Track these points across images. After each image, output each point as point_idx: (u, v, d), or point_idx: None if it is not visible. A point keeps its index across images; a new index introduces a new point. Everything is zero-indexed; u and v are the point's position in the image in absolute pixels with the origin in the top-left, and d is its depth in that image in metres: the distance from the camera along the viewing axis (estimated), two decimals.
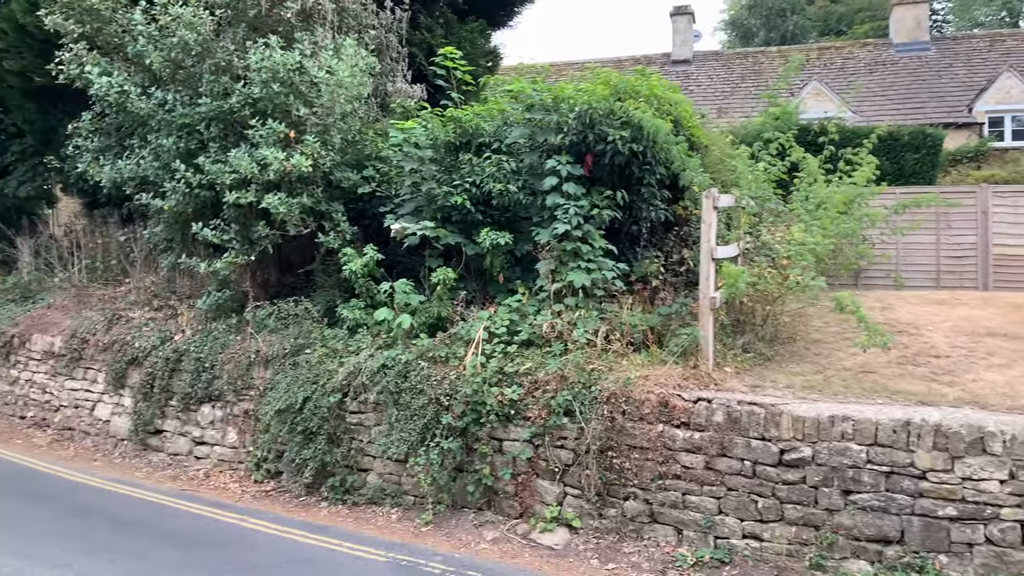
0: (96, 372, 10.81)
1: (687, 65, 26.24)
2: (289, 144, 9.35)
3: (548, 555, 6.89)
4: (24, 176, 15.79)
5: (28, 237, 14.29)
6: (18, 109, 15.88)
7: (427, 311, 8.83)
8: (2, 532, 7.18)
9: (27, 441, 10.85)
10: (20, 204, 16.34)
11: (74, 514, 7.83)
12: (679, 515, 6.85)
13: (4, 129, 16.23)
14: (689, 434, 6.82)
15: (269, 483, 8.84)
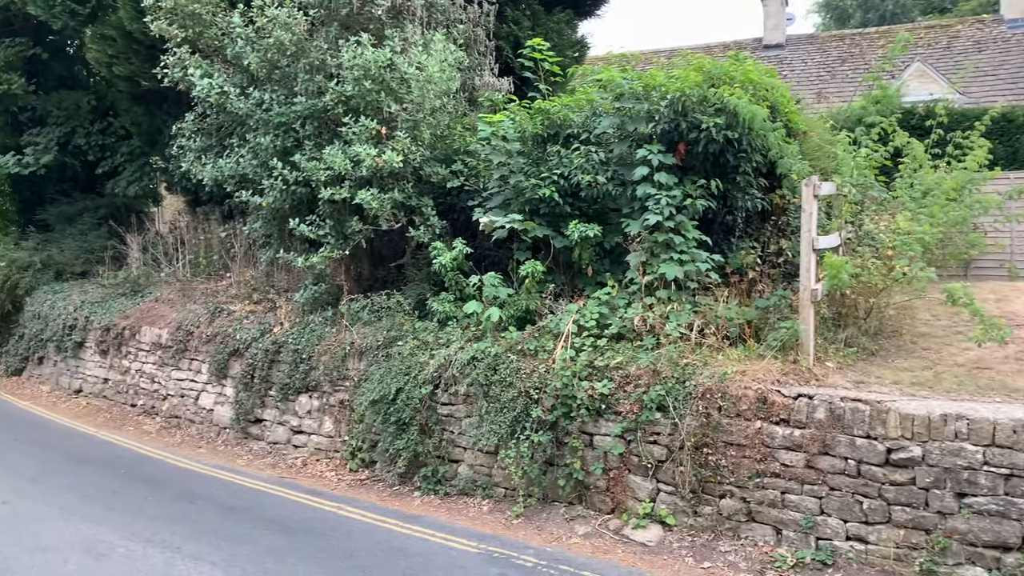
0: (200, 363, 11.29)
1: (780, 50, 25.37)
2: (381, 140, 9.51)
3: (641, 552, 6.79)
4: (132, 176, 16.61)
5: (136, 234, 15.03)
6: (126, 112, 16.74)
7: (515, 304, 8.82)
8: (119, 515, 7.58)
9: (138, 428, 11.44)
10: (129, 203, 17.24)
11: (181, 499, 8.19)
12: (778, 514, 6.63)
13: (114, 132, 17.12)
14: (789, 431, 6.59)
15: (363, 472, 9.04)
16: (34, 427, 11.48)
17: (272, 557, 6.63)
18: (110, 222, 15.93)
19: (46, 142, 16.31)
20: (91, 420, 11.93)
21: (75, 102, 17.09)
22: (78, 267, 15.72)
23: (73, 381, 13.57)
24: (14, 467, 9.16)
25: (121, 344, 12.67)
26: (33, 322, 14.66)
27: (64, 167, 16.85)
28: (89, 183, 17.95)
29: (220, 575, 6.23)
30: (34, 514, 7.50)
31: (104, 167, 16.82)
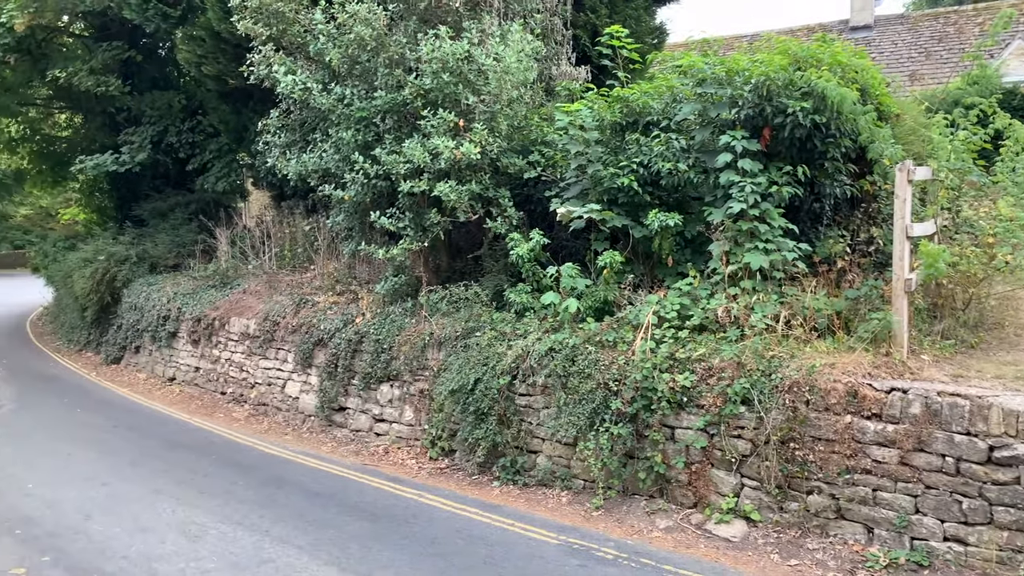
0: (286, 352, 11.62)
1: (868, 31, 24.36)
2: (458, 132, 9.57)
3: (725, 547, 6.65)
4: (221, 172, 17.23)
5: (225, 228, 15.58)
6: (214, 111, 17.35)
7: (593, 295, 8.75)
8: (211, 498, 7.88)
9: (227, 415, 11.87)
10: (218, 198, 17.89)
11: (269, 484, 8.46)
12: (869, 512, 6.38)
13: (203, 130, 17.79)
14: (881, 426, 6.33)
15: (443, 461, 9.14)
16: (131, 413, 12.05)
17: (356, 542, 6.77)
18: (200, 217, 16.58)
19: (140, 141, 17.06)
20: (184, 407, 12.44)
21: (167, 102, 17.83)
22: (171, 260, 16.40)
23: (167, 369, 14.19)
24: (114, 451, 9.63)
25: (211, 334, 13.16)
26: (130, 313, 15.38)
27: (157, 164, 17.59)
28: (180, 180, 18.72)
29: (307, 558, 6.40)
30: (132, 496, 7.87)
31: (194, 164, 17.50)
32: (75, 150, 20.62)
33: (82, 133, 21.94)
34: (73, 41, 19.47)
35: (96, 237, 18.51)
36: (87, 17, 17.30)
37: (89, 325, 17.14)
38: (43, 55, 17.95)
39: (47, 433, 10.34)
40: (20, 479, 8.24)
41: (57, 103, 21.91)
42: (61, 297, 19.92)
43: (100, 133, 19.43)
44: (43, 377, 14.77)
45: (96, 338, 16.94)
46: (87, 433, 10.47)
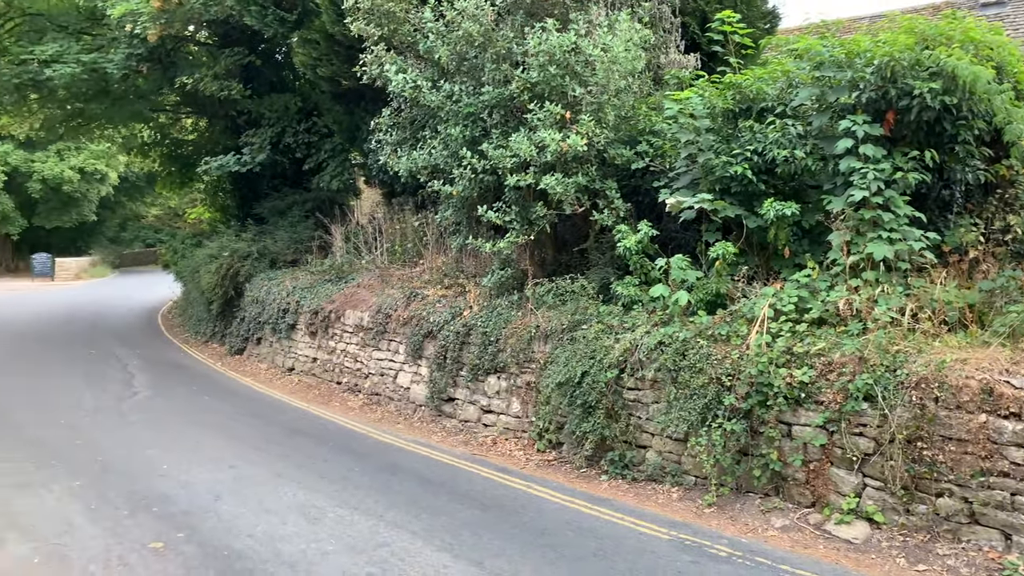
0: (398, 344, 11.94)
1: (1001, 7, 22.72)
2: (565, 125, 9.55)
3: (846, 549, 6.37)
4: (335, 171, 17.87)
5: (339, 225, 16.15)
6: (328, 112, 18.00)
7: (705, 288, 8.56)
8: (329, 483, 8.19)
9: (343, 404, 12.31)
10: (332, 196, 18.57)
11: (384, 471, 8.71)
12: (1007, 518, 5.97)
13: (317, 130, 18.48)
14: (1020, 426, 5.91)
15: (551, 453, 9.17)
16: (254, 401, 12.68)
17: (468, 530, 6.88)
18: (316, 214, 17.24)
19: (260, 142, 17.89)
20: (302, 396, 12.98)
21: (284, 104, 18.62)
22: (289, 256, 17.14)
23: (286, 360, 14.85)
24: (239, 436, 10.16)
25: (328, 326, 13.67)
26: (252, 306, 16.18)
27: (275, 165, 18.41)
28: (297, 179, 19.53)
29: (420, 543, 6.56)
30: (257, 479, 8.27)
31: (310, 164, 18.21)
32: (200, 152, 21.91)
33: (207, 136, 23.27)
34: (198, 49, 20.63)
35: (220, 234, 19.55)
36: (211, 26, 18.28)
37: (214, 318, 18.14)
38: (172, 63, 19.11)
39: (178, 418, 11.01)
40: (156, 461, 8.81)
41: (184, 108, 23.30)
42: (189, 291, 21.16)
43: (223, 136, 20.52)
44: (174, 366, 15.74)
45: (221, 330, 17.91)
46: (214, 419, 11.09)
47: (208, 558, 6.14)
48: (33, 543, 6.34)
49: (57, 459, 8.78)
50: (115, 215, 50.22)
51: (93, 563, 5.98)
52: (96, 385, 13.22)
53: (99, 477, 8.17)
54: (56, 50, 17.66)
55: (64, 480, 8.03)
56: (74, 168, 41.18)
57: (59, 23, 19.11)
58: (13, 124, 23.14)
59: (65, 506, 7.29)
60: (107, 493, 7.66)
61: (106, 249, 47.30)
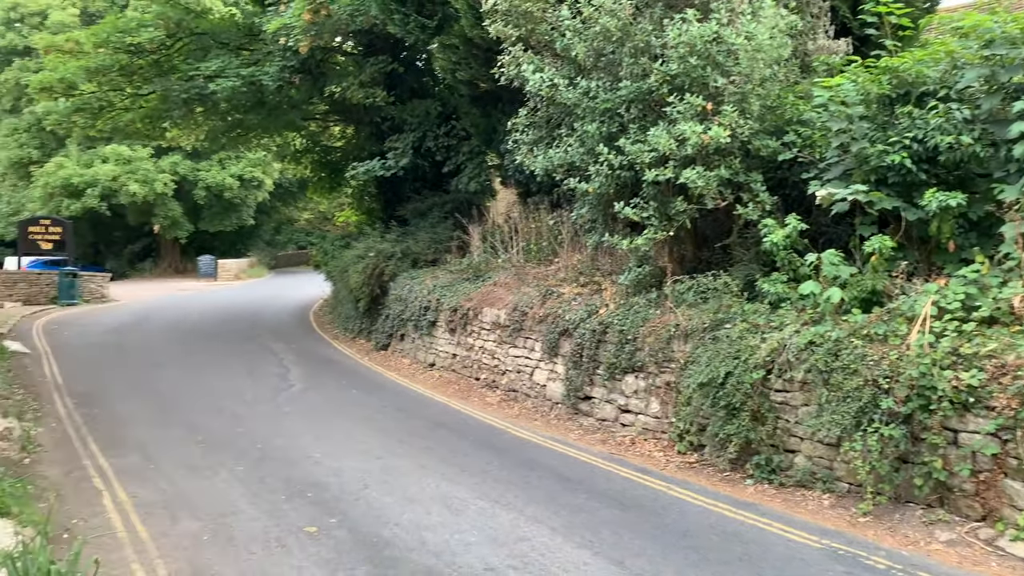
0: (534, 341, 12.03)
1: None
2: (706, 117, 9.29)
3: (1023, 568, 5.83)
4: (472, 173, 18.27)
5: (477, 225, 16.48)
6: (466, 115, 18.43)
7: (859, 284, 8.08)
8: (470, 476, 8.36)
9: (481, 399, 12.54)
10: (470, 197, 18.98)
11: (522, 466, 8.80)
12: None
13: (456, 134, 18.97)
14: None
15: (692, 455, 8.94)
16: (398, 395, 13.15)
17: (607, 529, 6.83)
18: (455, 215, 17.68)
19: (403, 147, 18.55)
20: (443, 391, 13.34)
21: (424, 110, 19.23)
22: (430, 255, 17.67)
23: (427, 356, 15.30)
24: (385, 428, 10.56)
25: (466, 323, 13.97)
26: (395, 304, 16.80)
27: (416, 168, 19.04)
28: (436, 182, 20.12)
29: (560, 539, 6.56)
30: (402, 470, 8.56)
31: (449, 166, 18.72)
32: (348, 158, 22.97)
33: (353, 143, 24.39)
34: (344, 60, 21.66)
35: (366, 236, 20.43)
36: (356, 36, 19.13)
37: (361, 315, 18.97)
38: (321, 74, 20.16)
39: (329, 410, 11.59)
40: (309, 450, 9.31)
41: (333, 117, 24.52)
42: (338, 290, 22.24)
43: (368, 142, 21.43)
44: (324, 361, 16.59)
45: (367, 327, 18.71)
46: (361, 411, 11.58)
47: (358, 544, 6.42)
48: (202, 521, 6.86)
49: (223, 446, 9.45)
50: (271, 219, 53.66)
51: (254, 543, 6.38)
52: (255, 378, 14.15)
53: (259, 464, 8.72)
54: (218, 65, 19.03)
55: (229, 465, 8.63)
56: (234, 176, 44.35)
57: (221, 40, 20.59)
58: (181, 136, 25.11)
59: (229, 488, 7.83)
60: (266, 478, 8.17)
61: (263, 251, 50.62)
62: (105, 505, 7.21)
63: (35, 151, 44.13)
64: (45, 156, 43.34)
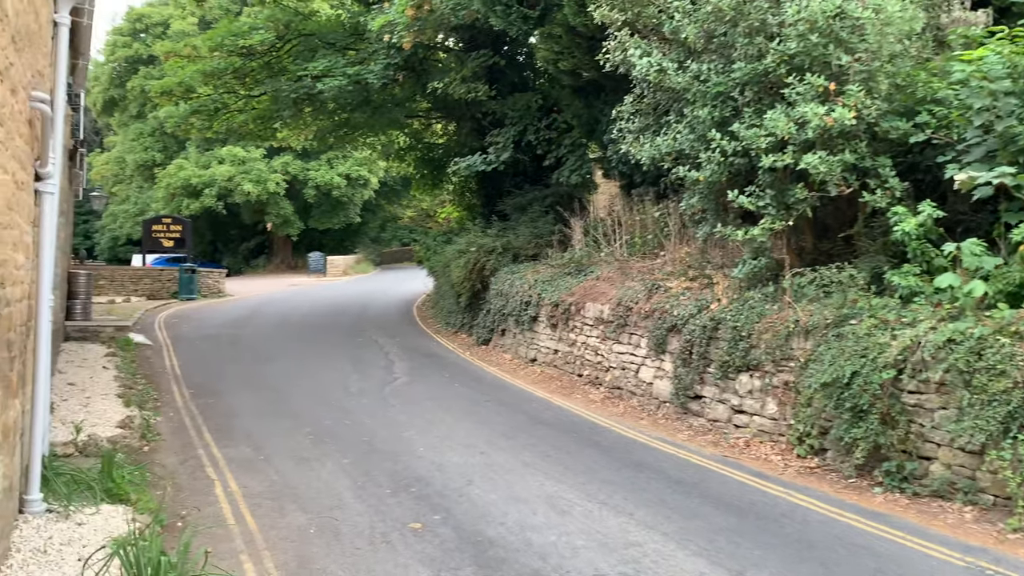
0: (639, 338, 11.63)
1: None
2: (828, 98, 8.67)
3: None
4: (574, 165, 18.00)
5: (578, 218, 16.17)
6: (567, 107, 18.17)
7: (1005, 277, 7.34)
8: (575, 475, 8.09)
9: (584, 396, 12.25)
10: (571, 191, 18.74)
11: (630, 467, 8.45)
12: None
13: (557, 127, 18.75)
14: None
15: (812, 459, 8.38)
16: (500, 390, 13.02)
17: (723, 536, 6.41)
18: (557, 208, 17.43)
19: (504, 141, 18.45)
20: (545, 387, 13.12)
21: (525, 103, 19.08)
22: (530, 250, 17.49)
23: (528, 351, 15.13)
24: (487, 423, 10.43)
25: (568, 318, 13.70)
26: (496, 299, 16.71)
27: (517, 163, 18.92)
28: (537, 176, 19.96)
29: (673, 546, 6.20)
30: (505, 466, 8.38)
31: (550, 160, 18.51)
32: (449, 155, 23.12)
33: (455, 140, 24.54)
34: (446, 56, 21.78)
35: (467, 231, 20.46)
36: (458, 31, 19.15)
37: (463, 310, 19.01)
38: (424, 71, 20.33)
39: (432, 403, 11.56)
40: (413, 443, 9.27)
41: (435, 114, 24.78)
42: (440, 285, 22.40)
43: (469, 137, 21.48)
44: (427, 354, 16.69)
45: (468, 321, 18.72)
46: (464, 405, 11.50)
47: (463, 542, 6.25)
48: (309, 514, 6.86)
49: (329, 437, 9.53)
50: (376, 217, 55.01)
51: (359, 538, 6.32)
52: (361, 370, 14.33)
53: (365, 456, 8.73)
54: (325, 65, 19.47)
55: (335, 457, 8.68)
56: (341, 175, 45.70)
57: (328, 41, 21.07)
58: (291, 136, 25.92)
59: (336, 480, 7.84)
60: (371, 471, 8.15)
61: (369, 248, 51.93)
62: (217, 495, 7.33)
63: (158, 154, 46.93)
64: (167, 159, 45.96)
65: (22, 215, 5.25)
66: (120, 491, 6.67)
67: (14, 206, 4.85)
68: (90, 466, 7.26)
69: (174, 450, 8.92)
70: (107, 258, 51.70)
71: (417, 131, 26.71)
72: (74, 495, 6.44)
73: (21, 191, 5.13)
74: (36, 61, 5.65)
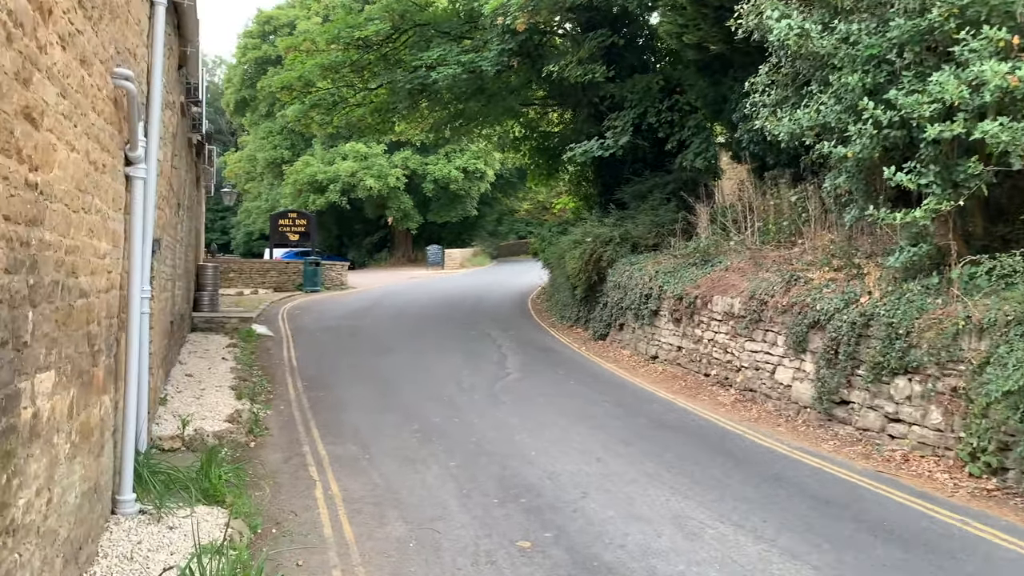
0: (775, 335, 10.51)
1: None
2: (1011, 53, 7.33)
3: None
4: (698, 149, 16.86)
5: (704, 205, 15.06)
6: (691, 87, 17.07)
7: None
8: (704, 490, 7.18)
9: (712, 398, 11.23)
10: (695, 176, 17.64)
11: (768, 481, 7.46)
12: None
13: (679, 108, 17.65)
14: None
15: (989, 480, 7.12)
16: (618, 388, 12.18)
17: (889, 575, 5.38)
18: (681, 194, 16.36)
19: (623, 124, 17.53)
20: (667, 386, 12.19)
21: (645, 85, 18.09)
22: (650, 240, 16.49)
23: (649, 347, 14.19)
24: (604, 426, 9.63)
25: (693, 313, 12.68)
26: (614, 291, 15.83)
27: (636, 149, 17.94)
28: (657, 162, 18.95)
29: None
30: (625, 476, 7.57)
31: (672, 143, 17.44)
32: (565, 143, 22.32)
33: (571, 128, 23.74)
34: (561, 41, 21.03)
35: (583, 221, 19.64)
36: (574, 11, 18.36)
37: (578, 303, 18.26)
38: (538, 55, 19.65)
39: (545, 402, 10.88)
40: (524, 446, 8.61)
41: (550, 102, 24.11)
42: (555, 277, 21.74)
43: (586, 124, 20.62)
44: (540, 349, 16.04)
45: (584, 315, 17.95)
46: (579, 405, 10.76)
47: (577, 567, 5.51)
48: (409, 525, 6.31)
49: (437, 436, 9.03)
50: (492, 210, 54.99)
51: (462, 555, 5.70)
52: (473, 364, 13.85)
53: (472, 459, 8.14)
54: (440, 54, 19.12)
55: (442, 459, 8.14)
56: (458, 168, 45.83)
57: (442, 30, 20.75)
58: (408, 129, 25.88)
59: (441, 486, 7.28)
60: (478, 476, 7.55)
61: (485, 241, 51.95)
62: (316, 498, 6.91)
63: (286, 151, 48.62)
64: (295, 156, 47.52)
65: (104, 200, 4.92)
66: (216, 492, 6.35)
67: (90, 189, 4.49)
68: (191, 462, 7.02)
69: (280, 446, 8.64)
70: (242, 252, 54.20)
71: (532, 120, 26.11)
72: (169, 495, 6.17)
73: (101, 173, 4.79)
74: (123, 37, 5.32)
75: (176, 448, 8.02)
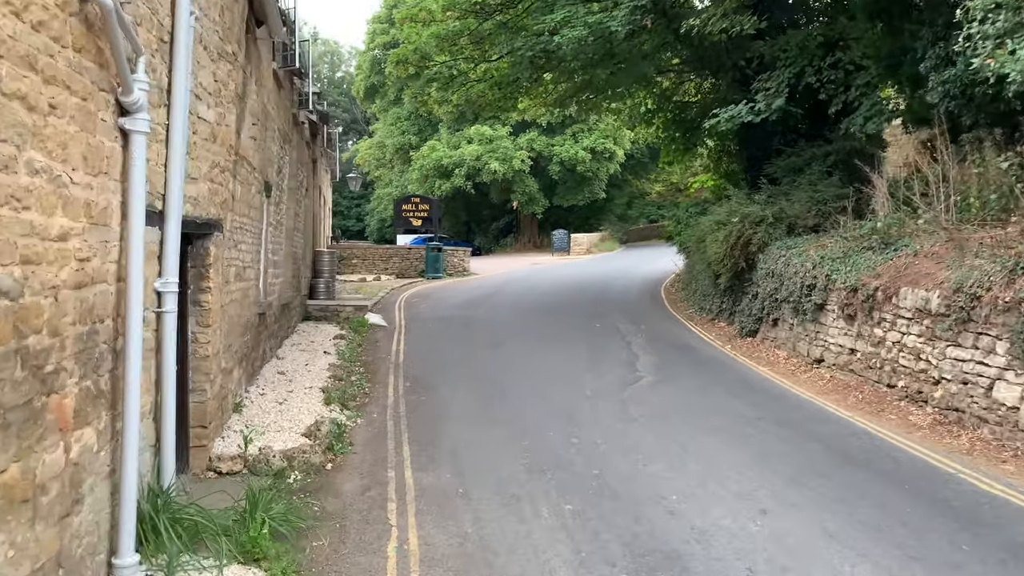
0: (992, 339, 8.03)
1: None
2: None
3: None
4: (869, 111, 14.15)
5: (880, 177, 12.46)
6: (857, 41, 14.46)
7: None
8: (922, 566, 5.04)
9: (901, 417, 8.87)
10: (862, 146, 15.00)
11: (1005, 550, 5.23)
12: None
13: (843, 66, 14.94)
14: None
15: None
16: (776, 400, 10.01)
17: None
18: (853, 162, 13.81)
19: (776, 86, 15.05)
20: (838, 398, 9.89)
21: (800, 42, 15.51)
22: (810, 220, 14.00)
23: (812, 348, 11.83)
24: (766, 454, 7.58)
25: (872, 308, 10.26)
26: (766, 280, 13.51)
27: (787, 118, 15.43)
28: (813, 131, 16.42)
29: None
30: (805, 543, 5.51)
31: (835, 105, 14.79)
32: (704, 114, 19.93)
33: (711, 97, 21.28)
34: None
35: (727, 199, 17.25)
36: None
37: (721, 293, 16.00)
38: (675, 14, 17.38)
39: (687, 418, 8.91)
40: (662, 485, 6.70)
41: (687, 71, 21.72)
42: (692, 264, 19.51)
43: (730, 90, 18.19)
44: (677, 346, 13.98)
45: (728, 307, 15.69)
46: (729, 423, 8.72)
47: None
48: None
49: (551, 463, 7.27)
50: (622, 193, 52.51)
51: None
52: (598, 364, 12.02)
53: (594, 502, 6.33)
54: (564, 16, 17.24)
55: (552, 499, 6.37)
56: (586, 148, 43.73)
57: None
58: (532, 105, 24.16)
59: (549, 545, 5.50)
60: (600, 532, 5.71)
61: (614, 225, 49.61)
62: (387, 556, 5.27)
63: (414, 137, 48.23)
64: (421, 141, 47.00)
65: (70, 158, 3.46)
66: (256, 546, 4.87)
67: (39, 142, 3.02)
68: (240, 498, 5.60)
69: (361, 470, 7.14)
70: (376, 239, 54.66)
71: (666, 90, 23.72)
72: (193, 549, 4.73)
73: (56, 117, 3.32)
74: None
75: (237, 471, 6.69)
